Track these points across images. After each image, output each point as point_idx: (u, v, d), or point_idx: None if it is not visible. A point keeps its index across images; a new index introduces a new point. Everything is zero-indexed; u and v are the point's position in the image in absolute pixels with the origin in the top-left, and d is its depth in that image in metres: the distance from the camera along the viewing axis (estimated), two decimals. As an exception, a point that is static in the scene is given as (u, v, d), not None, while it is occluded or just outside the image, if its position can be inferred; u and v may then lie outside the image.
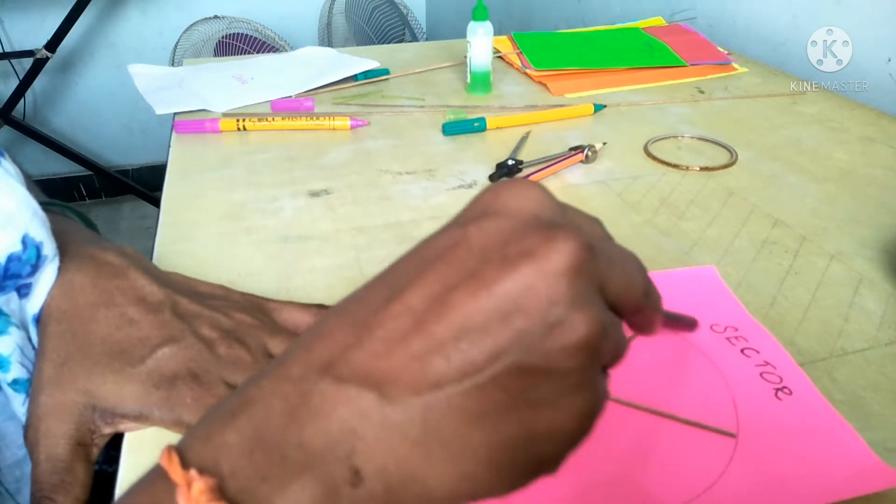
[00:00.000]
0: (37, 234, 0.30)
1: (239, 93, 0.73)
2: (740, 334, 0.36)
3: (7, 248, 0.28)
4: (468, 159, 0.58)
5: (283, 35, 1.89)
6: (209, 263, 0.43)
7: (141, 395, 0.29)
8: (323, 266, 0.43)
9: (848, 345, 0.36)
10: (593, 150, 0.57)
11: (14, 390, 0.31)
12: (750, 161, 0.58)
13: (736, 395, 0.32)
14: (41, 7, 1.89)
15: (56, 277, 0.31)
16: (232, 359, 0.31)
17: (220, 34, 1.84)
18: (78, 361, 0.29)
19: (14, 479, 0.35)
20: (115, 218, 2.17)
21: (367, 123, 0.66)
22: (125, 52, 2.04)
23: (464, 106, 0.70)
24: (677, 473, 0.28)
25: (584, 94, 0.74)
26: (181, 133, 0.63)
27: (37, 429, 0.28)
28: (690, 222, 0.48)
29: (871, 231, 0.47)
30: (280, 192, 0.52)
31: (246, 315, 0.33)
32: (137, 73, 0.78)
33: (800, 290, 0.41)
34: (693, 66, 0.82)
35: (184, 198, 0.52)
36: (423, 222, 0.48)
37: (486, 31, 0.70)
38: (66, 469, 0.27)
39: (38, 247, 0.29)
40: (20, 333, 0.31)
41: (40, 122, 2.07)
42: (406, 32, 1.79)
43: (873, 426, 0.31)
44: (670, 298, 0.39)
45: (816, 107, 0.70)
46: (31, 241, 0.29)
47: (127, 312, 0.31)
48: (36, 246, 0.29)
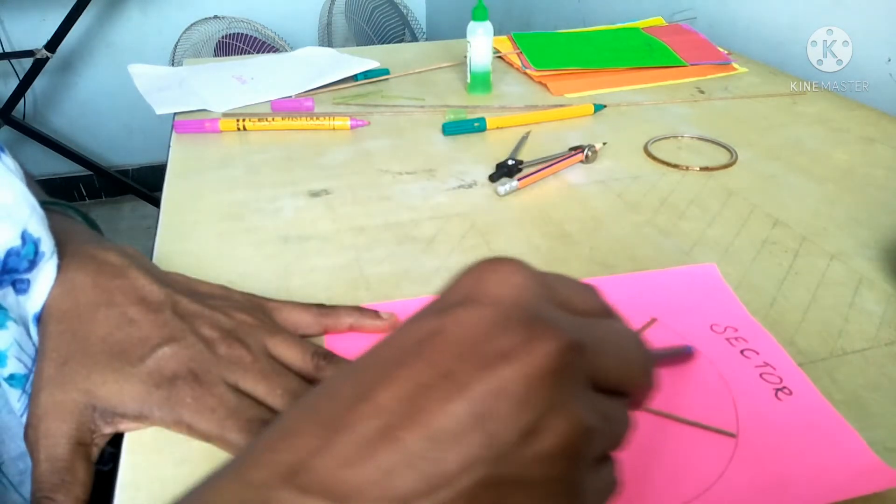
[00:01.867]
0: (35, 231, 0.30)
1: (239, 93, 0.73)
2: (740, 335, 0.36)
3: (6, 242, 0.28)
4: (468, 159, 0.58)
5: (283, 35, 1.89)
6: (209, 263, 0.43)
7: (141, 394, 0.29)
8: (323, 266, 0.43)
9: (848, 345, 0.36)
10: (593, 150, 0.57)
11: (10, 385, 0.31)
12: (750, 161, 0.58)
13: (736, 396, 0.32)
14: (41, 7, 1.89)
15: (56, 276, 0.31)
16: (232, 358, 0.31)
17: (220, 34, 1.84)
18: (78, 361, 0.29)
19: (17, 471, 0.35)
20: (115, 218, 2.17)
21: (367, 123, 0.66)
22: (125, 52, 2.04)
23: (464, 106, 0.70)
24: (677, 473, 0.28)
25: (584, 94, 0.74)
26: (181, 133, 0.63)
27: (37, 428, 0.28)
28: (690, 222, 0.48)
29: (871, 231, 0.47)
30: (280, 192, 0.52)
31: (246, 315, 0.33)
32: (137, 73, 0.78)
33: (800, 290, 0.41)
34: (693, 66, 0.82)
35: (184, 198, 0.52)
36: (423, 222, 0.48)
37: (486, 31, 0.70)
38: (67, 469, 0.27)
39: (37, 243, 0.30)
40: (18, 328, 0.31)
41: (40, 122, 2.07)
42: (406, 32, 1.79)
43: (873, 426, 0.31)
44: (670, 297, 0.39)
45: (816, 107, 0.70)
46: (29, 236, 0.29)
47: (127, 312, 0.31)
48: (34, 242, 0.29)
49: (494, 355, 0.16)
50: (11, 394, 0.31)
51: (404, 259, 0.43)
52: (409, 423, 0.16)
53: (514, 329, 0.17)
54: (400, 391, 0.16)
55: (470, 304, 0.18)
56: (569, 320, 0.18)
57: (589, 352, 0.17)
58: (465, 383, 0.16)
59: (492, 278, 0.18)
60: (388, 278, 0.41)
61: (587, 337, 0.18)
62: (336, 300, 0.39)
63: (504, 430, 0.16)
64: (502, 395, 0.16)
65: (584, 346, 0.17)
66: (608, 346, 0.19)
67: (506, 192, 0.52)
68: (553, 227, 0.47)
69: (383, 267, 0.42)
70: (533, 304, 0.18)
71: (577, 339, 0.17)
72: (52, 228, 0.32)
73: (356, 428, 0.16)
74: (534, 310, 0.18)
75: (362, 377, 0.18)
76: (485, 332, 0.17)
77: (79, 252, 0.32)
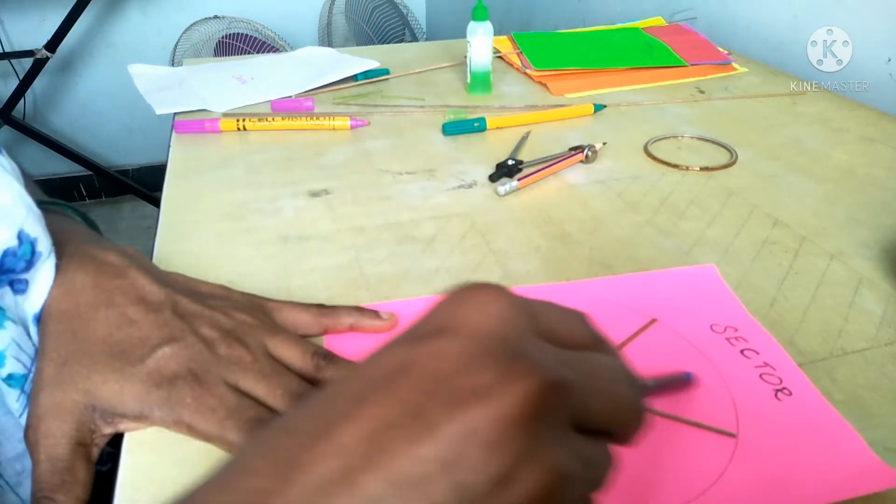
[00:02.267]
0: (32, 231, 0.30)
1: (239, 93, 0.73)
2: (740, 335, 0.36)
3: (3, 242, 0.28)
4: (468, 159, 0.58)
5: (283, 35, 1.89)
6: (209, 263, 0.43)
7: (141, 394, 0.29)
8: (323, 266, 0.43)
9: (848, 345, 0.36)
10: (593, 150, 0.57)
11: (9, 385, 0.31)
12: (750, 161, 0.58)
13: (736, 396, 0.32)
14: (41, 7, 1.89)
15: (55, 276, 0.31)
16: (232, 358, 0.31)
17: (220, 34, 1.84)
18: (78, 361, 0.29)
19: (14, 472, 0.35)
20: (115, 218, 2.17)
21: (367, 123, 0.66)
22: (125, 52, 2.04)
23: (464, 106, 0.70)
24: (677, 473, 0.28)
25: (584, 94, 0.74)
26: (181, 133, 0.63)
27: (37, 429, 0.28)
28: (690, 222, 0.48)
29: (871, 231, 0.47)
30: (280, 192, 0.52)
31: (246, 315, 0.33)
32: (137, 73, 0.78)
33: (800, 290, 0.41)
34: (693, 66, 0.82)
35: (184, 198, 0.52)
36: (423, 222, 0.48)
37: (486, 31, 0.70)
38: (67, 469, 0.27)
39: (33, 243, 0.30)
40: (17, 328, 0.31)
41: (40, 122, 2.07)
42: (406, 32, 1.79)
43: (873, 426, 0.31)
44: (670, 298, 0.39)
45: (816, 107, 0.70)
46: (26, 236, 0.29)
47: (127, 312, 0.31)
48: (31, 242, 0.29)
49: (467, 393, 0.15)
50: (9, 394, 0.31)
51: (404, 259, 0.43)
52: (370, 465, 0.15)
53: (491, 364, 0.15)
54: (362, 429, 0.15)
55: (445, 335, 0.16)
56: (552, 354, 0.17)
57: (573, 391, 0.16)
58: (434, 423, 0.15)
59: (471, 307, 0.17)
60: (388, 278, 0.41)
61: (572, 374, 0.16)
62: (336, 300, 0.39)
63: (473, 478, 0.15)
64: (473, 439, 0.15)
65: (566, 385, 0.16)
66: (595, 382, 0.17)
67: (506, 192, 0.52)
68: (553, 227, 0.47)
69: (383, 267, 0.42)
70: (513, 336, 0.16)
71: (559, 378, 0.16)
72: (50, 228, 0.32)
73: (314, 469, 0.15)
74: (514, 343, 0.16)
75: (324, 412, 0.16)
76: (458, 366, 0.16)
77: (78, 252, 0.32)
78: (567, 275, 0.42)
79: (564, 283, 0.41)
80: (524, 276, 0.42)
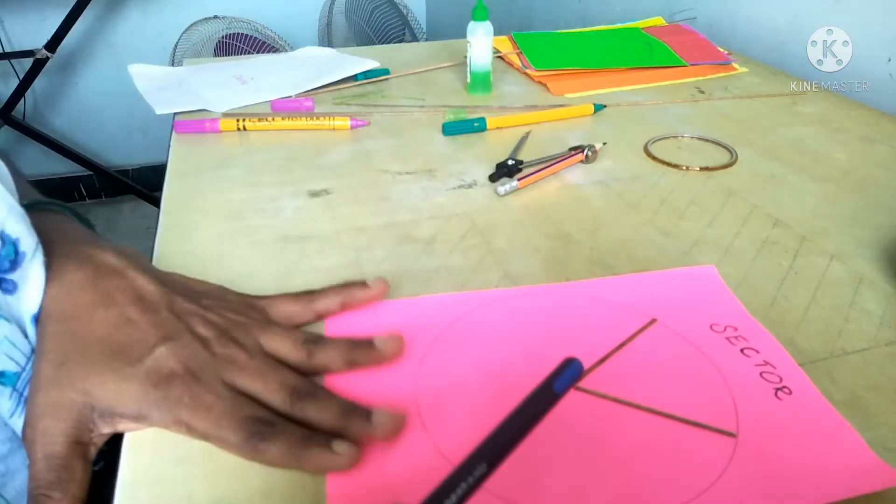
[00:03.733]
0: (14, 231, 0.29)
1: (239, 93, 0.73)
2: (740, 334, 0.36)
3: None
4: (468, 159, 0.58)
5: (283, 35, 1.89)
6: (209, 263, 0.43)
7: (140, 394, 0.29)
8: (323, 266, 0.43)
9: (848, 345, 0.36)
10: (593, 150, 0.57)
11: (0, 383, 0.31)
12: (750, 161, 0.58)
13: (736, 395, 0.32)
14: (41, 7, 1.89)
15: (54, 276, 0.31)
16: (227, 357, 0.31)
17: (220, 34, 1.84)
18: (77, 361, 0.29)
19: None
20: (115, 218, 2.17)
21: (367, 123, 0.66)
22: (125, 52, 2.04)
23: (464, 106, 0.70)
24: (677, 473, 0.28)
25: (584, 94, 0.74)
26: (181, 133, 0.63)
27: (34, 427, 0.28)
28: (690, 222, 0.48)
29: (871, 231, 0.47)
30: (280, 192, 0.52)
31: (239, 314, 0.33)
32: (137, 73, 0.78)
33: (800, 290, 0.41)
34: (693, 66, 0.82)
35: (184, 198, 0.52)
36: (423, 222, 0.48)
37: (486, 31, 0.70)
38: (64, 467, 0.27)
39: (16, 243, 0.29)
40: (9, 326, 0.31)
41: (40, 122, 2.07)
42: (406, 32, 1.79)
43: (873, 426, 0.31)
44: (670, 298, 0.39)
45: (816, 107, 0.70)
46: (7, 237, 0.29)
47: (126, 312, 0.31)
48: (13, 242, 0.29)
49: None
50: (1, 391, 0.31)
51: (404, 259, 0.43)
52: None
53: None
54: None
55: None
56: None
57: None
58: None
59: None
60: (388, 278, 0.41)
61: None
62: (336, 300, 0.39)
63: None
64: None
65: None
66: None
67: (506, 192, 0.52)
68: (553, 227, 0.47)
69: (383, 267, 0.42)
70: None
71: None
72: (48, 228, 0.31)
73: None
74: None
75: None
76: None
77: (77, 252, 0.32)
78: (567, 275, 0.42)
79: (564, 283, 0.41)
80: (524, 276, 0.42)
